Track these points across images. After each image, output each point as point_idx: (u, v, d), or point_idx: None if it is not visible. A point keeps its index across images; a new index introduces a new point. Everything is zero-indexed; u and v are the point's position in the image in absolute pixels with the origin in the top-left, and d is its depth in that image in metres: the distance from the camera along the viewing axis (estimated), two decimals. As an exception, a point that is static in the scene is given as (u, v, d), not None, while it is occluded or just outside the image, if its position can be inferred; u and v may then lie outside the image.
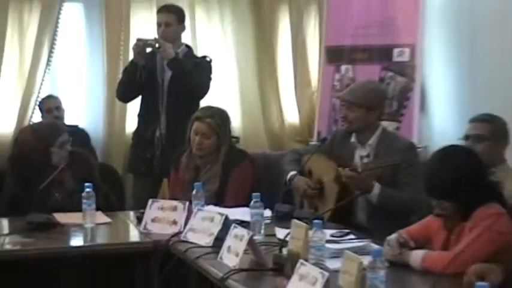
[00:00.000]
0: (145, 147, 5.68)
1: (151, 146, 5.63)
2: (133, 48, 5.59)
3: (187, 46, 5.81)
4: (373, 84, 5.22)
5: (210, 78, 5.74)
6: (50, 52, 5.99)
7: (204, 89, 5.67)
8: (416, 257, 3.43)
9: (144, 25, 6.15)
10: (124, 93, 5.81)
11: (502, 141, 4.28)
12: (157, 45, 5.50)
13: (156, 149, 5.59)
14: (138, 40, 5.56)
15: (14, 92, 6.00)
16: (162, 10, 5.76)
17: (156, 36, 5.57)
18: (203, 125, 4.75)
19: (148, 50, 5.51)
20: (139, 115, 5.82)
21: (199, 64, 5.72)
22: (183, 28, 5.78)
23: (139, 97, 5.78)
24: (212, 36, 6.45)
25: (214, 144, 4.81)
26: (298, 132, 6.67)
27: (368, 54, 6.00)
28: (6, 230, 4.31)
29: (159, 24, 5.66)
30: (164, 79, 5.62)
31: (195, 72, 5.65)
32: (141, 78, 5.56)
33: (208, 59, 5.79)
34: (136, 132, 5.86)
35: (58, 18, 5.97)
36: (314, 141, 6.15)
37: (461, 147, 3.81)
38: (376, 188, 4.37)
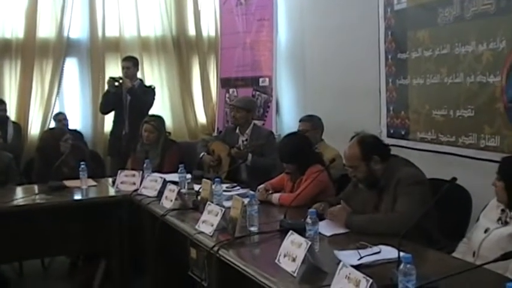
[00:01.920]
0: (117, 140, 7.17)
1: (120, 139, 7.08)
2: (107, 82, 7.21)
3: (140, 80, 7.39)
4: (249, 97, 7.30)
5: (154, 99, 7.31)
6: (59, 87, 7.89)
7: (149, 106, 7.21)
8: (275, 197, 4.53)
9: (113, 69, 7.98)
10: (103, 108, 7.45)
11: (318, 130, 5.66)
12: (120, 80, 7.06)
13: (123, 141, 7.03)
14: (110, 78, 7.19)
15: (38, 111, 7.85)
16: (125, 59, 7.35)
17: (121, 75, 7.17)
18: (149, 126, 6.16)
19: (116, 83, 7.06)
20: (113, 121, 7.40)
21: (147, 90, 7.29)
22: (137, 69, 7.38)
23: (113, 111, 7.38)
24: (153, 72, 8.33)
25: (156, 137, 6.17)
26: (206, 128, 8.55)
27: (245, 82, 8.02)
28: (36, 191, 5.45)
29: (122, 67, 7.25)
30: (126, 100, 7.10)
31: (144, 95, 7.15)
32: (114, 99, 7.09)
33: (153, 87, 7.41)
34: (112, 131, 7.46)
35: (63, 67, 7.91)
36: (215, 134, 7.93)
37: (298, 133, 5.14)
38: (249, 157, 5.82)
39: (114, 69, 8.06)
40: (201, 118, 8.70)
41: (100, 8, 8.07)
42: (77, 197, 5.47)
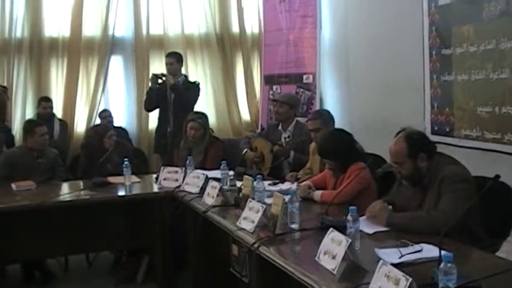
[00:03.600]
0: (162, 137, 7.13)
1: (165, 136, 7.04)
2: (150, 79, 7.24)
3: (184, 76, 7.35)
4: (292, 94, 7.27)
5: (198, 95, 7.26)
6: (104, 84, 8.05)
7: (193, 102, 7.14)
8: (317, 194, 4.50)
9: (158, 66, 8.05)
10: (147, 106, 7.47)
11: (330, 125, 5.34)
12: (163, 77, 7.06)
13: (168, 138, 7.00)
14: (153, 74, 7.21)
15: (84, 108, 8.02)
16: (168, 55, 7.36)
17: (164, 72, 7.22)
18: (195, 123, 6.13)
19: (159, 80, 7.08)
20: (158, 119, 7.39)
21: (191, 87, 7.24)
22: (181, 65, 7.34)
23: (157, 108, 7.40)
24: (197, 70, 8.38)
25: (201, 134, 6.16)
26: (249, 125, 8.59)
27: (288, 79, 8.00)
28: (81, 187, 5.59)
29: (166, 64, 7.25)
30: (171, 97, 7.11)
31: (188, 92, 7.10)
32: (158, 97, 7.13)
33: (197, 83, 7.36)
34: (157, 128, 7.46)
35: (108, 64, 8.05)
36: (258, 130, 7.86)
37: (341, 129, 4.86)
38: (292, 154, 5.85)
39: (158, 66, 8.13)
40: (245, 115, 8.74)
41: (144, 6, 8.18)
42: (121, 193, 5.52)
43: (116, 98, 8.39)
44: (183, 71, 7.66)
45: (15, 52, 7.78)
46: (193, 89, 7.30)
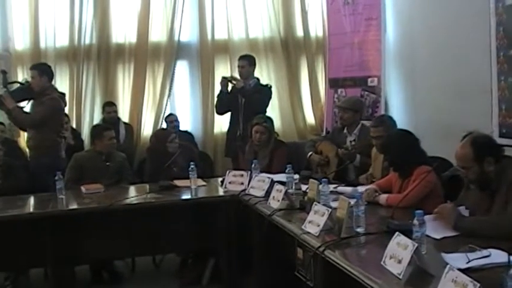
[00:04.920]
0: (233, 140, 7.15)
1: (236, 140, 7.05)
2: (220, 82, 7.32)
3: (257, 79, 7.39)
4: (356, 98, 7.08)
5: (269, 98, 7.30)
6: (170, 89, 8.15)
7: (263, 105, 7.16)
8: (383, 198, 4.50)
9: (223, 71, 8.17)
10: (218, 109, 7.54)
11: (393, 131, 5.13)
12: (233, 80, 7.22)
13: (238, 141, 6.94)
14: (222, 77, 7.35)
15: (150, 112, 8.13)
16: (240, 58, 7.40)
17: (233, 74, 7.48)
18: (261, 127, 6.22)
19: (229, 83, 7.20)
20: (230, 122, 7.41)
21: (263, 90, 7.27)
22: (253, 68, 7.38)
23: (229, 111, 7.46)
24: (261, 74, 8.17)
25: (267, 138, 6.25)
26: (314, 128, 8.53)
27: (353, 82, 7.90)
28: (147, 190, 5.66)
29: (238, 67, 7.34)
30: (241, 101, 7.15)
31: (259, 95, 7.12)
32: (229, 100, 7.20)
33: (269, 86, 7.42)
34: (228, 132, 7.54)
35: (174, 69, 8.15)
36: (323, 134, 7.83)
37: (406, 131, 4.83)
38: (357, 158, 5.83)
39: (223, 71, 8.23)
40: (310, 118, 8.72)
41: (209, 11, 8.26)
42: (187, 196, 5.61)
43: (181, 102, 8.50)
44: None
45: (84, 58, 7.95)
46: (265, 92, 7.32)
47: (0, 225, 5.03)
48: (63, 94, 6.99)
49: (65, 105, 6.96)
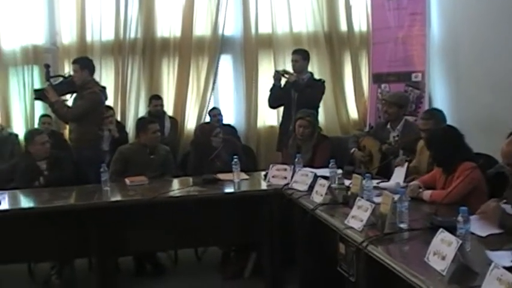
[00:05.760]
0: (284, 135, 7.01)
1: (287, 134, 6.83)
2: (273, 76, 7.26)
3: (310, 73, 7.30)
4: (401, 93, 7.18)
5: (322, 93, 7.22)
6: (214, 83, 8.25)
7: (316, 100, 7.08)
8: (426, 194, 4.46)
9: (266, 65, 8.33)
10: (271, 103, 7.47)
11: (443, 126, 5.10)
12: (285, 74, 7.15)
13: (289, 136, 6.65)
14: (275, 71, 7.33)
15: (194, 106, 8.24)
16: (294, 52, 7.33)
17: (285, 68, 7.38)
18: (305, 121, 6.21)
19: (281, 77, 7.14)
20: (282, 116, 7.38)
21: (316, 84, 7.19)
22: (307, 63, 7.30)
23: (282, 106, 7.40)
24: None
25: (310, 132, 6.23)
26: (357, 123, 8.55)
27: (397, 77, 7.94)
28: (191, 183, 5.68)
29: (292, 61, 7.25)
30: (294, 95, 7.07)
31: (311, 89, 7.04)
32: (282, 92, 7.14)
33: (322, 81, 7.30)
34: (280, 126, 7.52)
35: (218, 63, 8.25)
36: (366, 129, 7.67)
37: (451, 127, 4.77)
38: (401, 153, 5.73)
39: (267, 65, 8.35)
40: (353, 113, 8.72)
41: (253, 6, 8.30)
42: (230, 189, 5.62)
43: (225, 96, 8.55)
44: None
45: (129, 52, 8.09)
46: (318, 86, 7.27)
47: (47, 216, 5.11)
48: (104, 88, 7.09)
49: (106, 99, 7.04)
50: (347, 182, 4.86)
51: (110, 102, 7.75)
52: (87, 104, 6.45)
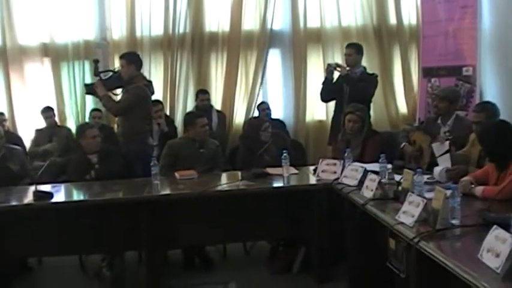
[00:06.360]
0: (336, 129, 6.89)
1: (339, 129, 6.65)
2: (325, 70, 7.31)
3: (364, 67, 7.29)
4: (452, 87, 7.08)
5: (375, 87, 7.21)
6: (262, 77, 8.30)
7: (368, 95, 7.05)
8: (478, 190, 4.40)
9: (315, 59, 8.36)
10: (323, 96, 7.45)
11: (495, 119, 5.21)
12: (337, 68, 7.14)
13: (340, 130, 6.54)
14: (327, 64, 7.34)
15: (243, 101, 8.33)
16: (348, 45, 7.36)
17: (337, 62, 7.40)
18: (354, 116, 6.19)
19: (334, 70, 7.12)
20: (334, 110, 7.36)
21: (368, 78, 7.16)
22: (361, 56, 7.29)
23: (334, 100, 7.38)
24: None
25: (359, 127, 6.21)
26: (407, 118, 8.48)
27: (447, 71, 7.87)
28: (239, 177, 5.68)
29: (345, 55, 7.27)
30: (346, 89, 7.05)
31: (364, 84, 7.02)
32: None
33: (375, 75, 7.29)
34: (332, 120, 7.43)
35: (266, 57, 8.31)
36: (416, 124, 7.44)
37: (504, 122, 4.70)
38: (453, 149, 5.40)
39: (315, 59, 8.36)
40: (402, 108, 8.66)
41: (302, 0, 8.29)
42: (279, 184, 5.61)
43: (273, 90, 8.58)
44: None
45: (178, 47, 8.15)
46: (370, 80, 7.24)
47: (97, 208, 5.22)
48: (150, 82, 7.12)
49: (153, 93, 7.06)
50: (397, 177, 4.84)
51: (158, 96, 7.85)
52: (131, 98, 6.51)
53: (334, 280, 5.48)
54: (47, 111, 7.78)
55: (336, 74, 7.22)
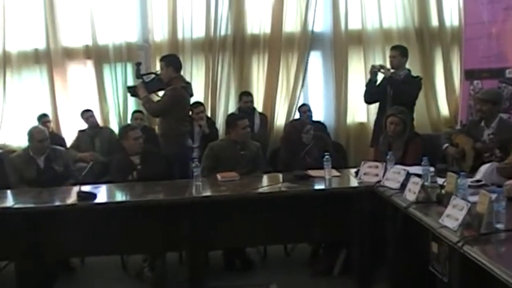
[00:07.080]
0: (378, 131, 6.88)
1: (381, 131, 6.63)
2: (369, 71, 7.30)
3: (408, 70, 7.29)
4: (495, 90, 6.99)
5: (419, 90, 7.21)
6: (303, 79, 8.32)
7: (411, 97, 7.07)
8: (526, 195, 4.20)
9: (356, 61, 8.38)
10: (366, 98, 7.51)
11: None
12: (381, 69, 7.16)
13: (383, 131, 6.48)
14: (372, 66, 7.32)
15: (284, 103, 8.36)
16: (392, 48, 7.40)
17: (381, 63, 7.45)
18: (396, 118, 6.16)
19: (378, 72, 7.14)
20: (377, 112, 7.35)
21: (412, 81, 7.18)
22: (406, 59, 7.28)
23: (377, 102, 7.40)
24: None
25: (401, 130, 6.18)
26: (448, 121, 8.45)
27: (490, 74, 7.67)
28: (281, 180, 5.75)
29: (390, 57, 7.28)
30: (389, 91, 7.06)
31: (407, 86, 7.05)
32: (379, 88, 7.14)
33: (419, 78, 7.29)
34: (375, 122, 7.45)
35: (307, 59, 8.33)
36: (458, 126, 7.62)
37: None
38: (497, 152, 5.45)
39: (356, 61, 8.37)
40: (444, 110, 8.61)
41: (343, 2, 8.30)
42: (321, 186, 5.60)
43: (314, 92, 8.59)
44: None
45: (220, 49, 8.22)
46: (413, 83, 7.22)
47: (140, 209, 5.27)
48: (189, 84, 7.19)
49: (191, 95, 7.14)
50: (440, 180, 4.79)
51: (200, 98, 7.94)
52: (168, 100, 6.59)
53: (375, 283, 5.45)
54: (86, 113, 7.91)
55: (380, 76, 7.23)
